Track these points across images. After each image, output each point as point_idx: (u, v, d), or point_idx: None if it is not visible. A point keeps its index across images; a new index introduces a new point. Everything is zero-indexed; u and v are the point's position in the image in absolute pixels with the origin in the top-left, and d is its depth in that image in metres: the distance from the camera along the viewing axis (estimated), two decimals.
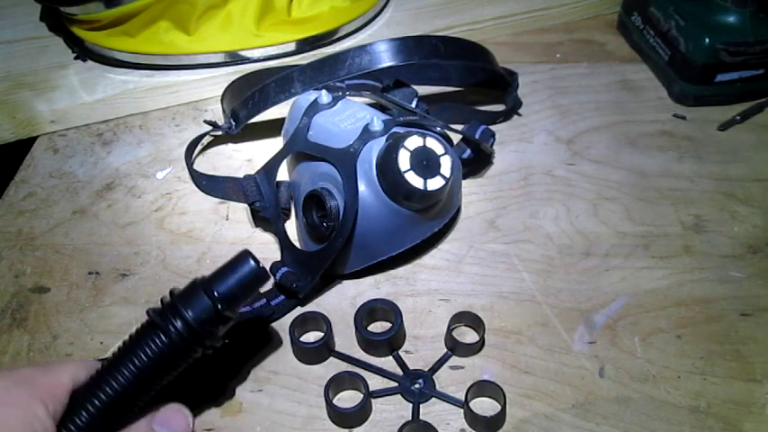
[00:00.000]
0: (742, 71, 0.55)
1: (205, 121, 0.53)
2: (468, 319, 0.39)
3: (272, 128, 0.53)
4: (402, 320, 0.39)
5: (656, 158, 0.52)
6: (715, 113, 0.56)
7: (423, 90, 0.54)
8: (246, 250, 0.32)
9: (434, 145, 0.40)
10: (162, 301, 0.31)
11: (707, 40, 0.53)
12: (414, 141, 0.40)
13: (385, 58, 0.48)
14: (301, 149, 0.44)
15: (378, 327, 0.40)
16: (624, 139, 0.54)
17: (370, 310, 0.40)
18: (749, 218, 0.47)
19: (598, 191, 0.49)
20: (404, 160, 0.39)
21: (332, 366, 0.39)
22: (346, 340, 0.40)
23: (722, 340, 0.39)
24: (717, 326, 0.40)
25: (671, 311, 0.41)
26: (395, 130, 0.42)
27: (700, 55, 0.54)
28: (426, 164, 0.39)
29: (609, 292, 0.42)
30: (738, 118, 0.55)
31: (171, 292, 0.31)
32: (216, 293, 0.31)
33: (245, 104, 0.50)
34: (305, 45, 0.61)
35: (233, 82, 0.55)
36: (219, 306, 0.30)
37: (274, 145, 0.49)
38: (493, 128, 0.50)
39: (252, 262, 0.31)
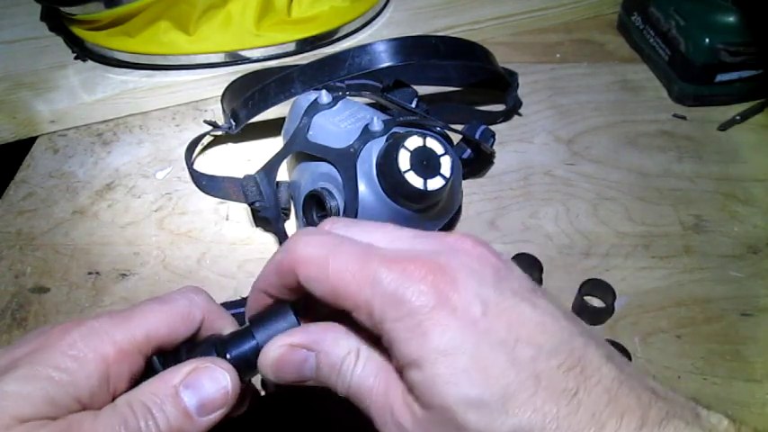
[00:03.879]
0: (742, 71, 0.55)
1: (205, 121, 0.53)
2: None
3: (272, 128, 0.53)
4: None
5: (656, 158, 0.52)
6: (715, 113, 0.56)
7: (423, 90, 0.54)
8: (288, 305, 0.28)
9: (434, 145, 0.40)
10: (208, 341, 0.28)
11: (707, 40, 0.53)
12: (414, 141, 0.40)
13: (385, 58, 0.48)
14: (301, 149, 0.44)
15: None
16: (624, 139, 0.54)
17: None
18: (749, 218, 0.47)
19: (598, 191, 0.49)
20: (404, 160, 0.39)
21: None
22: None
23: (722, 340, 0.39)
24: (717, 326, 0.40)
25: (671, 311, 0.41)
26: (395, 130, 0.42)
27: (700, 55, 0.54)
28: (426, 164, 0.39)
29: None
30: (738, 118, 0.55)
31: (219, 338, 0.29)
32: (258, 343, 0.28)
33: (245, 104, 0.50)
34: (305, 45, 0.61)
35: (233, 82, 0.55)
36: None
37: (274, 145, 0.49)
38: (493, 128, 0.50)
39: (293, 318, 0.28)
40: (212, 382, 0.26)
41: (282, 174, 0.46)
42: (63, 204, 0.50)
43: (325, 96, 0.44)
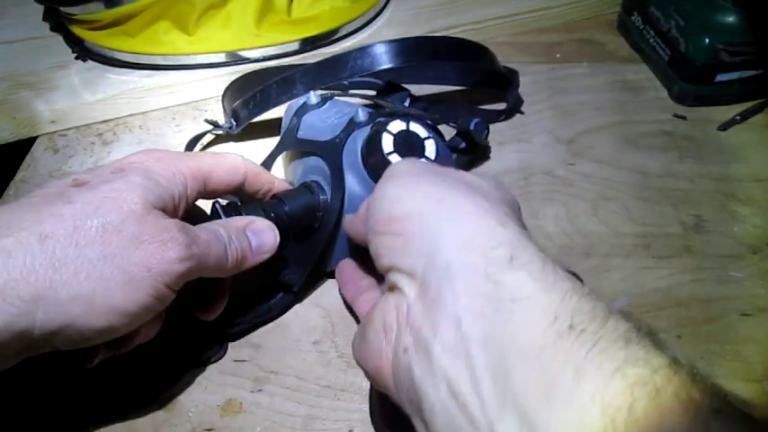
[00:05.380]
0: (742, 71, 0.55)
1: (206, 121, 0.53)
2: None
3: (273, 128, 0.53)
4: None
5: (656, 158, 0.52)
6: (715, 113, 0.56)
7: (423, 90, 0.54)
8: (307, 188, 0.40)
9: (418, 129, 0.41)
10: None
11: (707, 40, 0.53)
12: (397, 125, 0.40)
13: (386, 59, 0.48)
14: (291, 147, 0.44)
15: None
16: (624, 139, 0.54)
17: None
18: (749, 218, 0.47)
19: (598, 191, 0.49)
20: (387, 143, 0.39)
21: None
22: (347, 340, 0.40)
23: (722, 340, 0.39)
24: (717, 326, 0.40)
25: (671, 311, 0.41)
26: (380, 119, 0.42)
27: (700, 55, 0.54)
28: (410, 147, 0.39)
29: (609, 292, 0.42)
30: (738, 118, 0.55)
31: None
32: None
33: (246, 105, 0.50)
34: (305, 45, 0.61)
35: (234, 81, 0.55)
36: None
37: (274, 145, 0.49)
38: (493, 127, 0.50)
39: (310, 194, 0.40)
40: (266, 232, 0.36)
41: (281, 174, 0.47)
42: None
43: (313, 98, 0.45)
